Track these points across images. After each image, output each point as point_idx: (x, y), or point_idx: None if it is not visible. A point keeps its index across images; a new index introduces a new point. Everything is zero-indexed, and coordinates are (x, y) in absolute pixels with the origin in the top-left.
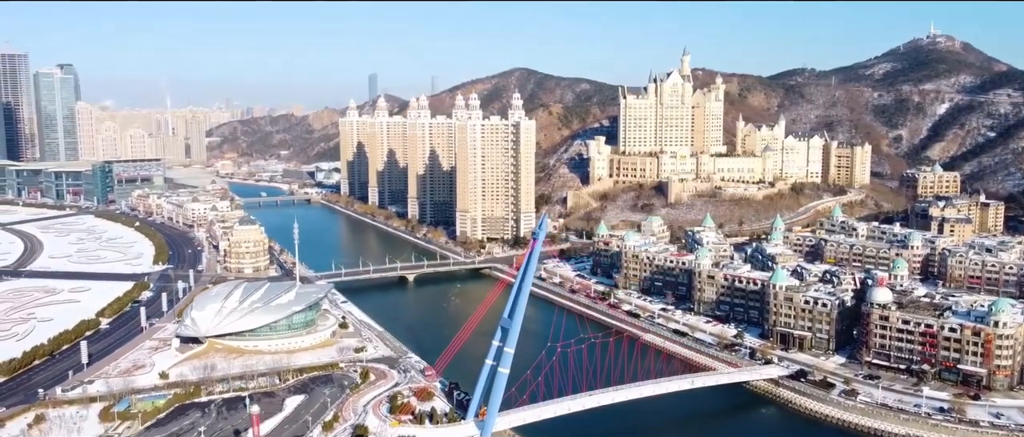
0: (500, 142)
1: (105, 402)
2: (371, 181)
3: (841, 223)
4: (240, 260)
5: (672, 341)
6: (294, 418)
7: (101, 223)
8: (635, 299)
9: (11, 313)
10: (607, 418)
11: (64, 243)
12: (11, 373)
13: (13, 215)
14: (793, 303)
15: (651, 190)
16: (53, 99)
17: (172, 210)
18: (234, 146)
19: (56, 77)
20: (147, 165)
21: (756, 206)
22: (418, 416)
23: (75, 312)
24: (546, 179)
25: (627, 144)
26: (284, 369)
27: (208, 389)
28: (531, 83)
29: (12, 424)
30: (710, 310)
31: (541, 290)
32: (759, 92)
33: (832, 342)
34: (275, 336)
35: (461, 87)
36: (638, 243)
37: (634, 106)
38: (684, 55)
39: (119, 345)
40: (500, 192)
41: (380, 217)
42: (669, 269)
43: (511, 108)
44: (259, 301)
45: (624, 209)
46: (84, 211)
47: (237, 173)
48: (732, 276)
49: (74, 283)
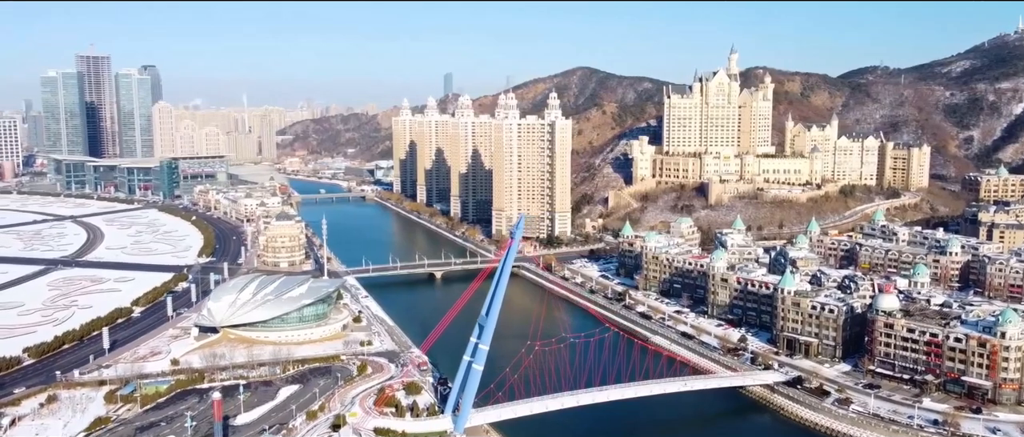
0: (536, 142)
1: (113, 385)
2: (420, 179)
3: (881, 227)
4: (276, 254)
5: (677, 343)
6: (283, 407)
7: (162, 217)
8: (652, 301)
9: (57, 300)
10: (596, 418)
11: (123, 235)
12: (39, 356)
13: (86, 208)
14: (801, 308)
15: (692, 191)
16: (131, 99)
17: (228, 205)
18: (305, 144)
19: (134, 78)
20: (211, 162)
21: (799, 209)
22: (399, 409)
23: (114, 300)
24: (590, 179)
25: (671, 144)
26: (285, 360)
27: (211, 376)
28: (593, 82)
29: (27, 403)
30: (723, 313)
31: (561, 289)
32: (822, 91)
33: (839, 349)
34: (287, 328)
35: (522, 86)
36: (660, 244)
37: (678, 106)
38: (731, 54)
39: (144, 333)
40: (536, 191)
41: (425, 214)
42: (688, 271)
43: (548, 108)
44: (271, 294)
45: (664, 210)
46: (150, 205)
47: (303, 170)
48: (745, 279)
49: (120, 273)
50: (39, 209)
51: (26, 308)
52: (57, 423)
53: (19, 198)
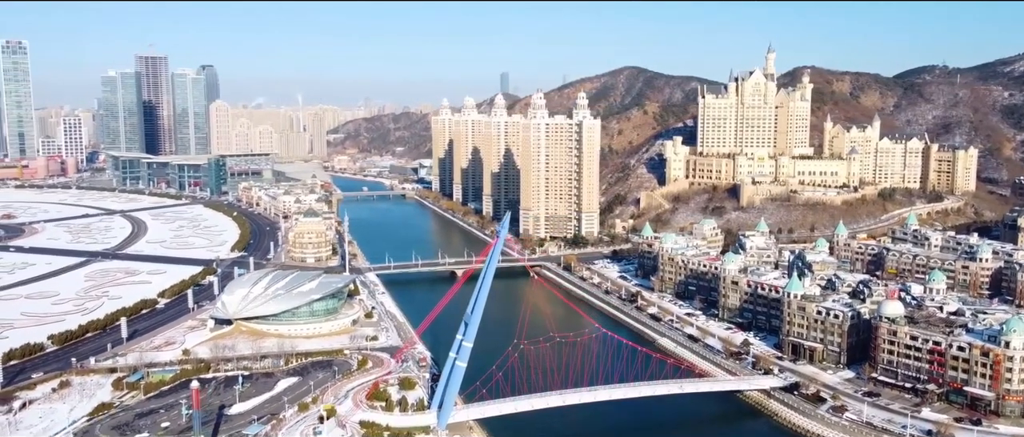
0: (564, 142)
1: (122, 373)
2: (456, 178)
3: (913, 232)
4: (303, 250)
5: (683, 346)
6: (278, 398)
7: (206, 212)
8: (666, 303)
9: (90, 291)
10: (583, 418)
11: (165, 229)
12: (62, 343)
13: (136, 203)
14: (806, 313)
15: (725, 193)
16: (186, 97)
17: (268, 202)
18: (356, 142)
19: (189, 77)
20: (257, 159)
21: (833, 211)
22: (389, 403)
23: (142, 292)
24: (624, 179)
25: (705, 145)
26: (289, 352)
27: (216, 367)
28: (639, 81)
29: (41, 387)
30: (734, 317)
31: (578, 290)
32: (873, 91)
33: (844, 356)
34: (297, 321)
35: (568, 86)
36: (676, 246)
37: (713, 106)
38: (769, 53)
39: (164, 324)
40: (563, 191)
41: (459, 213)
42: (702, 273)
43: (576, 108)
44: (282, 289)
45: (695, 211)
46: (197, 201)
47: (350, 168)
48: (755, 283)
49: (153, 266)
50: (93, 203)
51: (60, 297)
52: (64, 407)
53: (77, 193)
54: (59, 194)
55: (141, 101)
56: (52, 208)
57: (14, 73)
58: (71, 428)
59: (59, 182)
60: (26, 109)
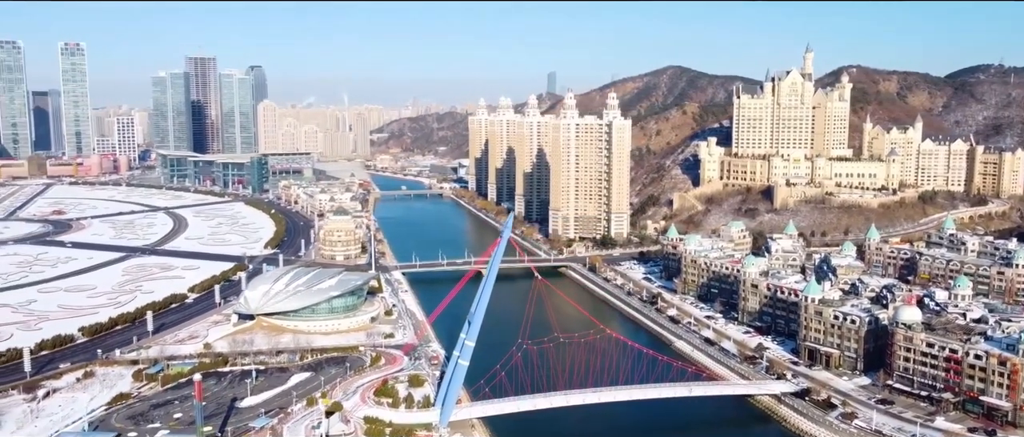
0: (594, 142)
1: (143, 365)
2: (490, 178)
3: (949, 236)
4: (333, 248)
5: (698, 349)
6: (288, 392)
7: (246, 210)
8: (687, 305)
9: (125, 285)
10: (587, 419)
11: (204, 226)
12: (92, 335)
13: (180, 200)
14: (823, 318)
15: (758, 194)
16: (233, 97)
17: (305, 200)
18: (399, 142)
19: (235, 78)
20: (297, 158)
21: (868, 214)
22: (395, 400)
23: (174, 287)
24: (658, 180)
25: (740, 145)
26: (304, 348)
27: (233, 361)
28: (683, 81)
29: (66, 377)
30: (753, 320)
31: (601, 290)
32: (921, 91)
33: (860, 362)
34: (316, 318)
35: (610, 85)
36: (699, 248)
37: (748, 106)
38: (807, 52)
39: (191, 318)
40: (593, 192)
41: (492, 213)
42: (725, 276)
43: (606, 108)
44: (303, 285)
45: (728, 213)
46: (239, 198)
47: (391, 167)
48: (775, 286)
49: (188, 262)
50: (140, 200)
51: (97, 291)
52: (85, 397)
53: (126, 190)
54: (109, 191)
55: (189, 101)
56: (100, 205)
57: (72, 74)
58: (87, 417)
59: (111, 179)
60: (83, 108)
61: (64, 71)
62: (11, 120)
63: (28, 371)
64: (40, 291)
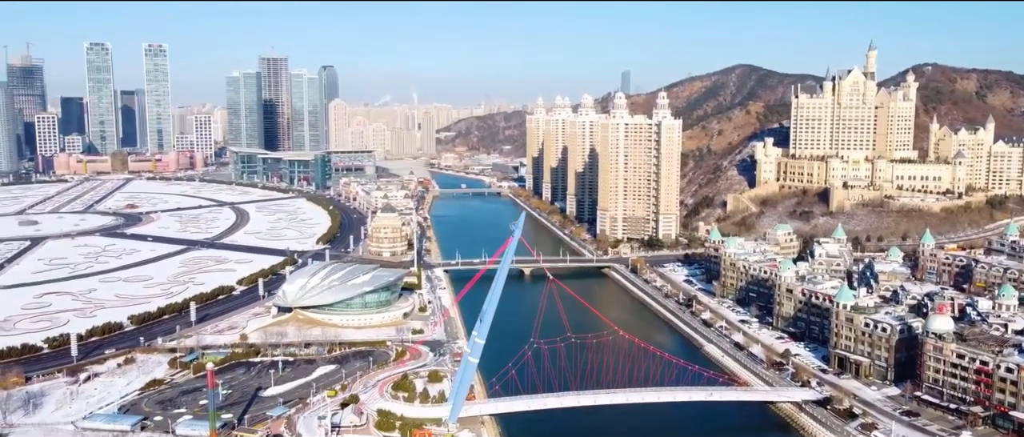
0: (643, 142)
1: (180, 354)
2: (545, 177)
3: (1011, 243)
4: (380, 244)
5: (727, 353)
6: (309, 383)
7: (306, 206)
8: (724, 309)
9: (180, 277)
10: (599, 420)
11: (265, 221)
12: (139, 323)
13: (246, 196)
14: (854, 325)
15: (814, 197)
16: (302, 96)
17: (363, 197)
18: (466, 140)
19: (305, 77)
20: (359, 156)
21: (929, 219)
22: (411, 394)
23: (224, 279)
24: (714, 181)
25: (797, 146)
26: (333, 341)
27: (264, 352)
28: (751, 80)
29: (108, 363)
30: (787, 326)
31: (640, 292)
32: (1003, 90)
33: (891, 371)
34: (350, 312)
35: (677, 85)
36: (738, 251)
37: (806, 106)
38: (870, 50)
39: (234, 309)
40: (642, 192)
41: (545, 212)
42: (763, 280)
43: (656, 108)
44: (337, 280)
45: (782, 215)
46: (301, 195)
47: (455, 165)
48: (810, 291)
49: (242, 255)
50: (210, 195)
51: (153, 282)
52: (122, 381)
53: (198, 185)
54: (182, 186)
55: (261, 100)
56: (172, 199)
57: (155, 74)
58: (120, 400)
59: (186, 175)
60: (164, 107)
61: (148, 71)
62: (99, 118)
63: (74, 356)
64: (101, 281)
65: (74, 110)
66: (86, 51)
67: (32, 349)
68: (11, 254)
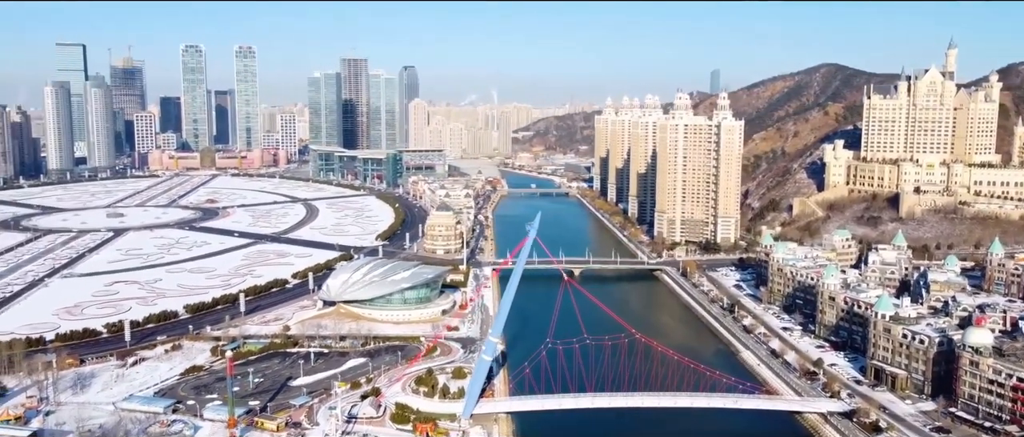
0: (703, 143)
1: (222, 342)
2: (610, 178)
3: None
4: (434, 242)
5: (763, 361)
6: (336, 375)
7: (374, 203)
8: (769, 315)
9: (240, 269)
10: (619, 423)
11: (332, 217)
12: (193, 312)
13: (320, 192)
14: (892, 335)
15: (884, 202)
16: (380, 96)
17: (429, 195)
18: (543, 140)
19: (383, 78)
20: (430, 155)
21: (1007, 227)
22: (432, 389)
23: (280, 272)
24: (782, 184)
25: (869, 149)
26: (368, 335)
27: (301, 343)
28: (837, 79)
29: (158, 349)
30: (830, 334)
31: (686, 296)
32: None
33: (927, 385)
34: (390, 308)
35: (758, 85)
36: (787, 256)
37: (879, 107)
38: (949, 49)
39: (283, 302)
40: (701, 195)
41: (608, 213)
42: (809, 287)
43: (716, 109)
44: (378, 276)
45: (849, 221)
46: (372, 192)
47: (529, 165)
48: (852, 299)
49: (303, 250)
50: (287, 192)
51: (215, 273)
52: (166, 366)
53: (277, 182)
54: (263, 183)
55: (340, 100)
56: (250, 195)
57: (244, 75)
58: (160, 384)
59: (267, 172)
60: (253, 106)
61: (238, 72)
62: (193, 117)
63: (128, 341)
64: (168, 271)
65: (172, 109)
66: (182, 53)
67: (92, 333)
68: (94, 244)
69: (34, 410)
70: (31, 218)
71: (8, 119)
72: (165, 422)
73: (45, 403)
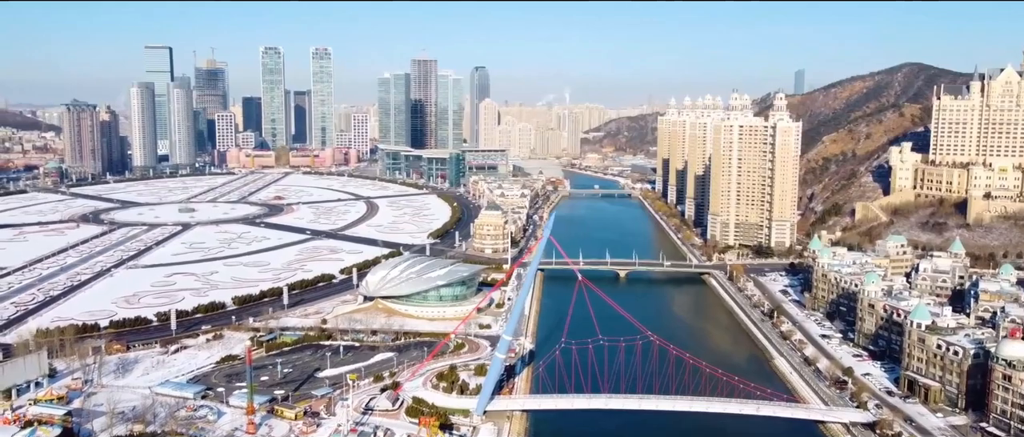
0: (758, 145)
1: (260, 333)
2: (671, 180)
3: None
4: (483, 241)
5: (795, 368)
6: (362, 368)
7: (434, 202)
8: (810, 322)
9: (292, 264)
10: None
11: (390, 215)
12: (240, 304)
13: (384, 191)
14: (926, 346)
15: (951, 207)
16: (448, 97)
17: (488, 195)
18: (614, 141)
19: (450, 78)
20: (492, 155)
21: None
22: (451, 385)
23: (329, 268)
24: (846, 187)
25: (938, 152)
26: (399, 331)
27: (334, 336)
28: (919, 79)
29: (201, 338)
30: (869, 343)
31: (730, 300)
32: None
33: (961, 399)
34: (425, 304)
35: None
36: (832, 262)
37: (949, 108)
38: None
39: (327, 296)
40: (756, 198)
41: (665, 215)
42: (852, 293)
43: (773, 109)
44: (414, 273)
45: (913, 227)
46: (434, 191)
47: (597, 166)
48: (891, 307)
49: (354, 246)
50: (352, 189)
51: (268, 267)
52: (204, 355)
53: (345, 180)
54: (331, 181)
55: (409, 100)
56: (316, 192)
57: (320, 75)
58: (195, 371)
59: (337, 171)
60: (328, 106)
61: (314, 73)
62: (271, 116)
63: (173, 329)
64: (225, 264)
65: (253, 109)
66: (261, 55)
67: (143, 321)
68: (162, 237)
69: (77, 391)
70: (110, 212)
71: (98, 118)
72: (192, 407)
73: (88, 385)
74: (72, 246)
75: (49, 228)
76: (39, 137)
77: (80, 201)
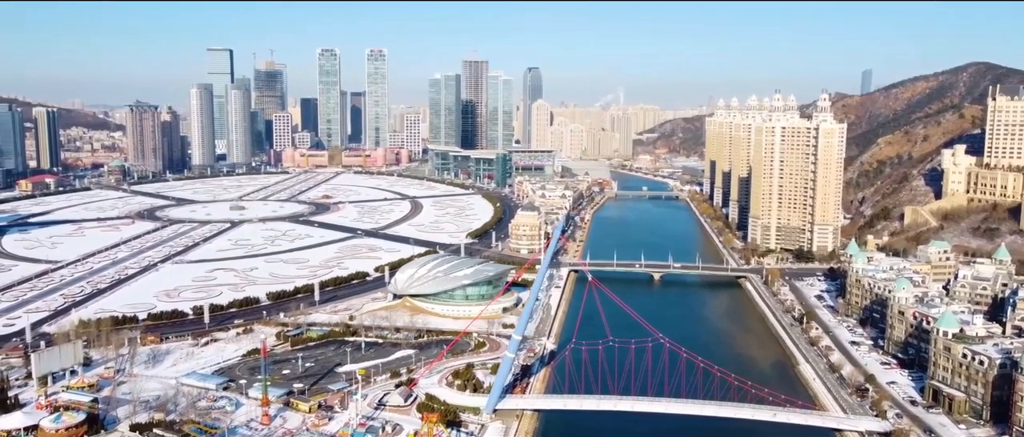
0: (800, 147)
1: (287, 328)
2: (717, 182)
3: None
4: (518, 241)
5: (818, 374)
6: (383, 364)
7: (478, 202)
8: (842, 328)
9: (330, 261)
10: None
11: (433, 214)
12: (274, 299)
13: (430, 190)
14: (951, 355)
15: (1005, 212)
16: (498, 97)
17: (532, 195)
18: (668, 142)
19: (500, 79)
20: (539, 155)
21: None
22: (464, 383)
23: (365, 265)
24: (897, 191)
25: (993, 155)
26: (421, 328)
27: (359, 333)
28: (986, 79)
29: (231, 331)
30: (898, 351)
31: (763, 305)
32: None
33: (986, 410)
34: (451, 303)
35: (897, 85)
36: (865, 267)
37: (1006, 109)
38: None
39: (359, 293)
40: (797, 201)
41: (709, 217)
42: (884, 300)
43: (817, 110)
44: (441, 272)
45: (964, 232)
46: (479, 192)
47: (647, 167)
48: (921, 315)
49: (393, 245)
50: (399, 189)
51: (307, 264)
52: (232, 348)
53: (393, 180)
54: (380, 180)
55: (459, 100)
56: (364, 191)
57: (375, 77)
58: (221, 363)
59: (387, 170)
60: (382, 107)
61: (369, 75)
62: (327, 117)
63: (206, 323)
64: (266, 261)
65: (310, 110)
66: (318, 56)
67: (179, 315)
68: (210, 234)
69: (108, 380)
70: (165, 209)
71: (159, 118)
72: (212, 398)
73: (120, 374)
74: (124, 241)
75: (106, 224)
76: (107, 136)
77: (139, 198)
